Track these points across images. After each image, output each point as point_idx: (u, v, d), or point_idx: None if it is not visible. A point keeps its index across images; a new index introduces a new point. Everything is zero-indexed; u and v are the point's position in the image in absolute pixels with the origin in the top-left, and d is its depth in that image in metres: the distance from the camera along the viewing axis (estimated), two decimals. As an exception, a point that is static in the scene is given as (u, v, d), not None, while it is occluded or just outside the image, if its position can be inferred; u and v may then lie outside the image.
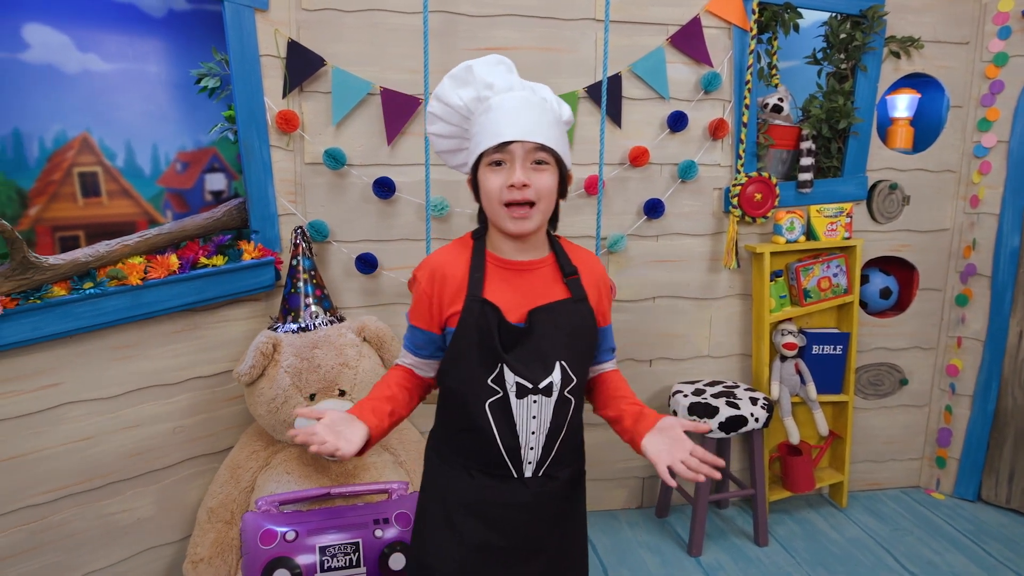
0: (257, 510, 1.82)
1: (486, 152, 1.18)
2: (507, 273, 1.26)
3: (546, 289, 1.26)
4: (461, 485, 1.28)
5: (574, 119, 1.42)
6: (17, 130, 1.92)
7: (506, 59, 1.24)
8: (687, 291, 2.55)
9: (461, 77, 1.23)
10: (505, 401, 1.21)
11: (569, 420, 1.27)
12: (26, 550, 1.78)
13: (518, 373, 1.21)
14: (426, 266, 1.28)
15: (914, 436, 2.82)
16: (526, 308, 1.23)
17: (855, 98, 2.49)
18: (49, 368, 1.78)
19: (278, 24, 2.08)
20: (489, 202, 1.21)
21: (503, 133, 1.16)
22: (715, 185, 2.48)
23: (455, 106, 1.24)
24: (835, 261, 2.51)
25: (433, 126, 1.30)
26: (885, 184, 2.58)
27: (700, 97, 2.40)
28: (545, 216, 1.23)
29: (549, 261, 1.29)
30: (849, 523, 2.59)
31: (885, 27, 2.44)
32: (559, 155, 1.21)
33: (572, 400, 1.27)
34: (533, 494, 1.26)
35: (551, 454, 1.27)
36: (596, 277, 1.33)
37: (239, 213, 2.14)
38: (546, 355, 1.22)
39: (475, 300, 1.21)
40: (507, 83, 1.21)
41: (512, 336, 1.21)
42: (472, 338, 1.21)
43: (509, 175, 1.17)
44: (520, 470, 1.25)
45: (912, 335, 2.73)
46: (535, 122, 1.18)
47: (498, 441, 1.23)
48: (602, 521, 2.59)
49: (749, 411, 2.28)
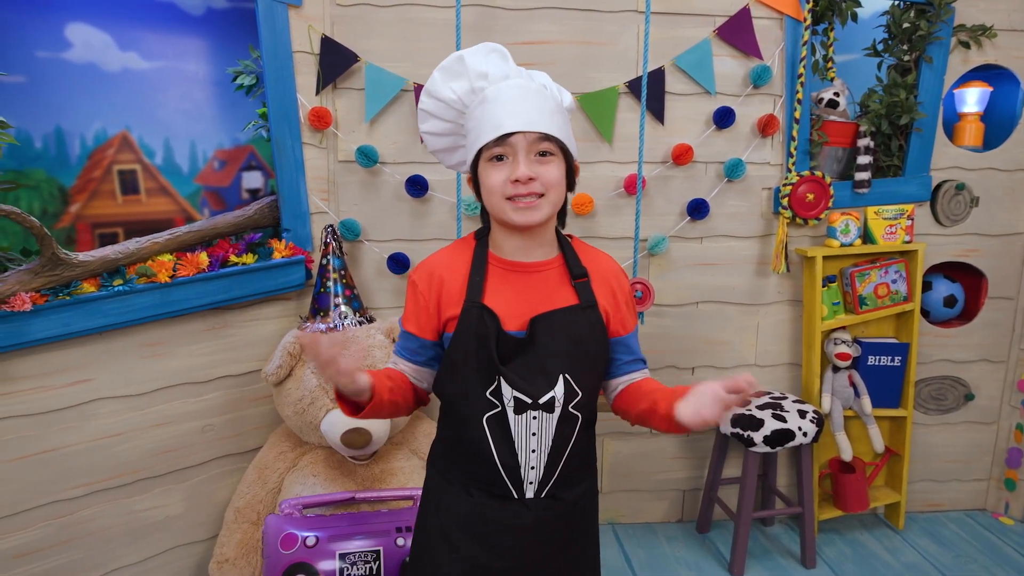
0: (280, 513, 1.79)
1: (486, 146, 1.09)
2: (510, 275, 1.16)
3: (552, 294, 1.16)
4: (459, 502, 1.20)
5: (575, 108, 1.31)
6: (59, 128, 1.95)
7: (500, 47, 1.14)
8: (733, 296, 2.43)
9: (453, 69, 1.13)
10: (503, 416, 1.13)
11: (575, 438, 1.17)
12: (54, 545, 1.79)
13: (516, 387, 1.11)
14: (424, 268, 1.20)
15: (980, 455, 2.64)
16: (529, 315, 1.13)
17: (919, 92, 2.33)
18: (79, 364, 1.79)
19: (311, 20, 2.06)
20: (491, 199, 1.12)
21: (503, 125, 1.07)
22: (764, 185, 2.36)
23: (448, 100, 1.15)
24: (894, 266, 2.36)
25: (425, 124, 1.20)
26: (951, 184, 2.42)
27: (749, 92, 2.28)
28: (554, 208, 1.13)
29: (557, 263, 1.19)
30: (906, 547, 2.43)
31: (953, 15, 2.27)
32: (564, 144, 1.12)
33: (579, 416, 1.17)
34: (535, 516, 1.17)
35: (555, 474, 1.17)
36: (610, 280, 1.21)
37: (271, 211, 2.13)
38: (548, 367, 1.12)
39: (473, 305, 1.12)
40: (502, 71, 1.12)
41: (511, 346, 1.12)
42: (470, 347, 1.12)
43: (512, 169, 1.08)
44: (520, 490, 1.16)
45: (980, 347, 2.55)
46: (536, 111, 1.09)
47: (495, 458, 1.14)
48: (639, 534, 2.49)
49: (797, 424, 2.15)
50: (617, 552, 2.38)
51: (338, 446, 1.86)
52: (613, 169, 2.28)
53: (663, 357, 2.44)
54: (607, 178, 2.28)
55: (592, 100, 2.21)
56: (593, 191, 2.26)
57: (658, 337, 2.41)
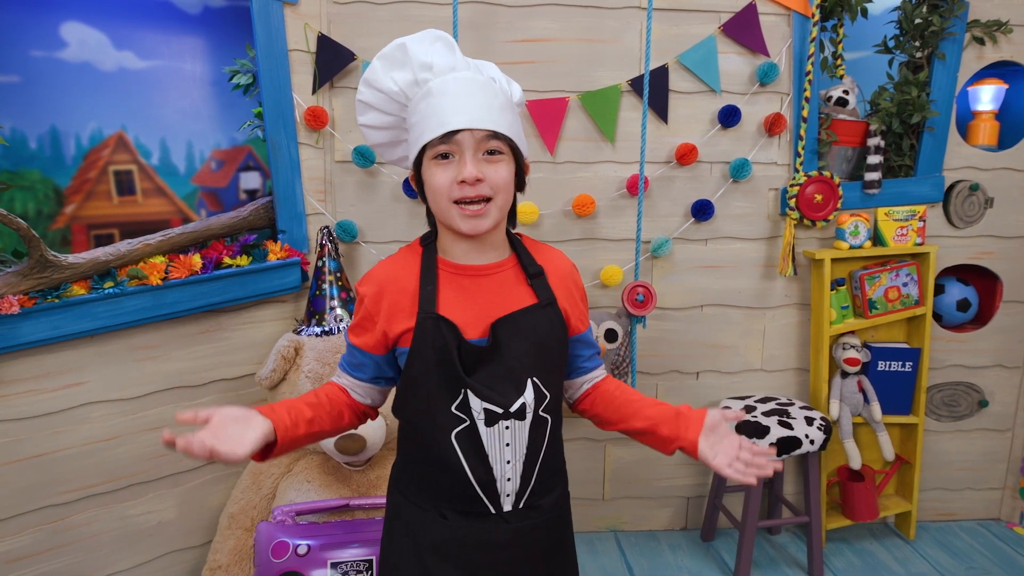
0: (273, 520, 1.76)
1: (430, 144, 1.02)
2: (463, 281, 1.09)
3: (509, 296, 1.09)
4: (432, 525, 1.13)
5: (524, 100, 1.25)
6: (54, 128, 1.93)
7: (446, 35, 1.06)
8: (738, 299, 2.38)
9: (394, 57, 1.05)
10: (473, 430, 1.07)
11: (547, 441, 1.12)
12: (45, 550, 1.77)
13: (485, 398, 1.05)
14: (370, 280, 1.11)
15: (994, 463, 2.57)
16: (488, 320, 1.07)
17: (931, 90, 2.26)
18: (71, 368, 1.76)
19: (308, 18, 2.03)
20: (436, 201, 1.04)
21: (448, 121, 1.00)
22: (771, 185, 2.30)
23: (389, 92, 1.06)
24: (905, 269, 2.29)
25: (364, 116, 1.12)
26: (965, 185, 2.35)
27: (755, 90, 2.23)
28: (503, 212, 1.07)
29: (511, 263, 1.13)
30: (916, 557, 2.36)
31: (967, 10, 2.20)
32: (514, 143, 1.06)
33: (548, 419, 1.12)
34: (515, 529, 1.11)
35: (531, 482, 1.12)
36: (564, 276, 1.16)
37: (266, 212, 2.10)
38: (515, 373, 1.06)
39: (428, 317, 1.05)
40: (448, 63, 1.04)
41: (474, 356, 1.05)
42: (428, 361, 1.05)
43: (459, 169, 1.01)
44: (497, 504, 1.10)
45: (994, 352, 2.48)
46: (484, 106, 1.02)
47: (469, 476, 1.08)
48: (641, 542, 2.44)
49: (804, 432, 2.09)
50: (619, 560, 2.33)
51: (332, 452, 1.83)
52: (615, 169, 2.23)
53: (666, 362, 2.39)
54: (609, 178, 2.24)
55: (594, 99, 2.16)
56: (595, 192, 2.22)
57: (661, 341, 2.36)
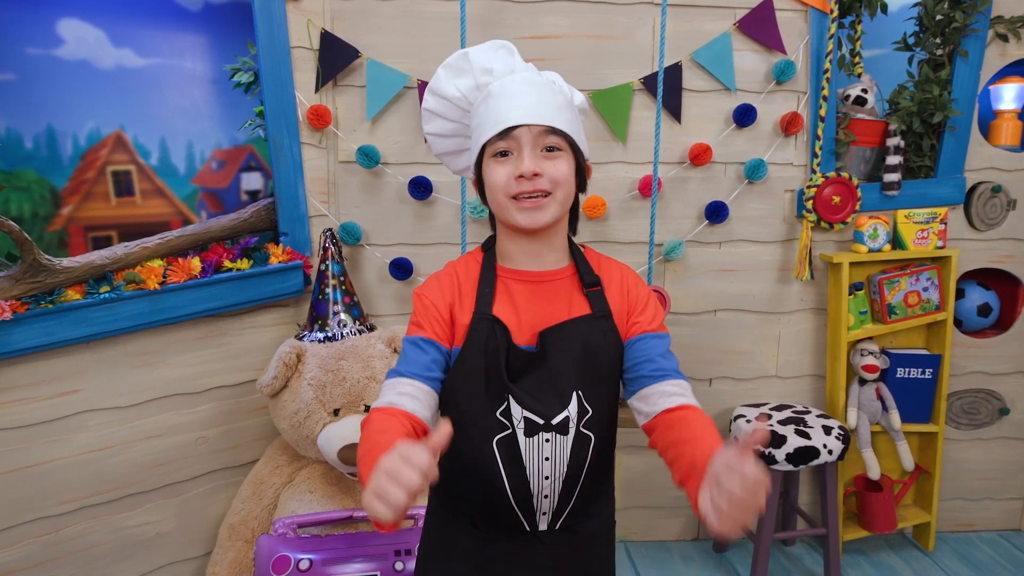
0: (274, 532, 1.70)
1: (489, 142, 1.02)
2: (519, 286, 1.08)
3: (562, 305, 1.07)
4: (464, 537, 1.11)
5: (588, 109, 1.22)
6: (51, 127, 1.88)
7: (508, 43, 1.07)
8: (753, 304, 2.31)
9: (457, 66, 1.07)
10: (513, 439, 1.03)
11: (590, 461, 1.07)
12: (40, 563, 1.71)
13: (526, 407, 1.02)
14: (432, 279, 1.12)
15: (1016, 472, 2.50)
16: (539, 328, 1.05)
17: (952, 88, 2.20)
18: (66, 375, 1.71)
19: (311, 14, 1.98)
20: (495, 198, 1.03)
21: (507, 118, 1.00)
22: (787, 187, 2.24)
23: (452, 98, 1.08)
24: (925, 273, 2.23)
25: (430, 124, 1.14)
26: (987, 186, 2.29)
27: (771, 88, 2.16)
28: (563, 208, 1.04)
29: (568, 272, 1.10)
30: (936, 568, 2.30)
31: (991, 6, 2.14)
32: (573, 140, 1.04)
33: (591, 437, 1.06)
34: (549, 551, 1.08)
35: (570, 503, 1.07)
36: (626, 288, 1.13)
37: (268, 214, 2.04)
38: (561, 385, 1.03)
39: (483, 317, 1.04)
40: (508, 66, 1.05)
41: (521, 361, 1.03)
42: (479, 362, 1.03)
43: (516, 165, 1.00)
44: (533, 521, 1.07)
45: (1016, 358, 2.41)
46: (543, 103, 1.01)
47: (505, 485, 1.04)
48: (652, 552, 2.38)
49: (821, 442, 2.02)
50: (630, 572, 2.27)
51: (335, 462, 1.77)
52: (627, 170, 2.17)
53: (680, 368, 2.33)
54: (621, 179, 2.17)
55: (605, 98, 2.10)
56: (606, 193, 2.16)
57: (674, 347, 2.26)
